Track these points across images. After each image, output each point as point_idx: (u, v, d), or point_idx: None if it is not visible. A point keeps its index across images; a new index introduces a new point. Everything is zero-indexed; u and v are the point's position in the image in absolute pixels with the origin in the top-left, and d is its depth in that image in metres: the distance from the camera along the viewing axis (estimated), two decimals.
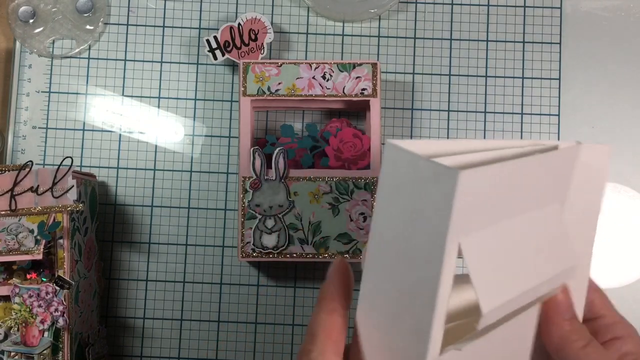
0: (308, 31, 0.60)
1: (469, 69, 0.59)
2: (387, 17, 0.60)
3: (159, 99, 0.59)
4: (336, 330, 0.29)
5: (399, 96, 0.59)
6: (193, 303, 0.58)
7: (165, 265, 0.58)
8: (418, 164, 0.24)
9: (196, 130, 0.59)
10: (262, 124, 0.59)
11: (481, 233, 0.25)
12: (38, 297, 0.47)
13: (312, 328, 0.29)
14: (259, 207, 0.52)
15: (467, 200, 0.23)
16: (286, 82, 0.53)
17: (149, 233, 0.58)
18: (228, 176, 0.58)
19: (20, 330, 0.47)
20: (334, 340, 0.28)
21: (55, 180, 0.48)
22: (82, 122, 0.59)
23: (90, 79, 0.59)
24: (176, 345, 0.57)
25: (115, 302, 0.58)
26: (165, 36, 0.60)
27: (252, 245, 0.52)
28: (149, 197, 0.58)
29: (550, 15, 0.60)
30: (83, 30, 0.59)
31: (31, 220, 0.48)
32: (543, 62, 0.59)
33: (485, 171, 0.24)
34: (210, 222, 0.58)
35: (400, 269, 0.26)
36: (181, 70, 0.59)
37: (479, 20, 0.60)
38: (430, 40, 0.60)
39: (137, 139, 0.59)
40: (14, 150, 0.58)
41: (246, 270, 0.58)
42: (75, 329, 0.49)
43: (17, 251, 0.47)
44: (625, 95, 0.60)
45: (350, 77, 0.53)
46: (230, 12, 0.60)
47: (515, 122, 0.59)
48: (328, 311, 0.29)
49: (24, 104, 0.59)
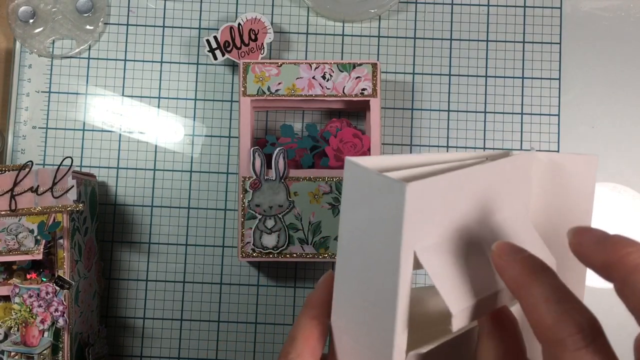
0: (308, 31, 0.60)
1: (469, 69, 0.59)
2: (387, 17, 0.60)
3: (159, 99, 0.59)
4: (314, 336, 0.30)
5: (399, 96, 0.59)
6: (193, 303, 0.58)
7: (165, 265, 0.58)
8: (372, 179, 0.25)
9: (196, 130, 0.59)
10: (262, 124, 0.59)
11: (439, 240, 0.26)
12: (38, 297, 0.47)
13: (293, 332, 0.31)
14: (259, 207, 0.52)
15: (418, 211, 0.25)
16: (286, 82, 0.53)
17: (149, 233, 0.58)
18: (228, 176, 0.58)
19: (20, 330, 0.47)
20: (311, 345, 0.30)
21: (55, 180, 0.48)
22: (82, 122, 0.59)
23: (90, 79, 0.59)
24: (176, 345, 0.57)
25: (115, 302, 0.58)
26: (165, 36, 0.60)
27: (252, 245, 0.52)
28: (149, 197, 0.58)
29: (550, 15, 0.60)
30: (83, 30, 0.59)
31: (31, 220, 0.48)
32: (543, 62, 0.59)
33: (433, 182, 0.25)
34: (210, 222, 0.58)
35: (363, 279, 0.27)
36: (181, 70, 0.59)
37: (479, 20, 0.60)
38: (430, 40, 0.60)
39: (137, 139, 0.59)
40: (14, 150, 0.58)
41: (246, 270, 0.58)
42: (75, 329, 0.49)
43: (17, 251, 0.47)
44: (625, 95, 0.60)
45: (350, 77, 0.53)
46: (230, 12, 0.60)
47: (515, 122, 0.59)
48: (309, 317, 0.31)
49: (24, 104, 0.59)
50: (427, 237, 0.26)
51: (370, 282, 0.27)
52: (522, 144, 0.59)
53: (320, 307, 0.31)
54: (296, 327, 0.31)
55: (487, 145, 0.59)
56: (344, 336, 0.30)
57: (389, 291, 0.26)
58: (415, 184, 0.24)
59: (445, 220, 0.27)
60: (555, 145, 0.59)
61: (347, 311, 0.29)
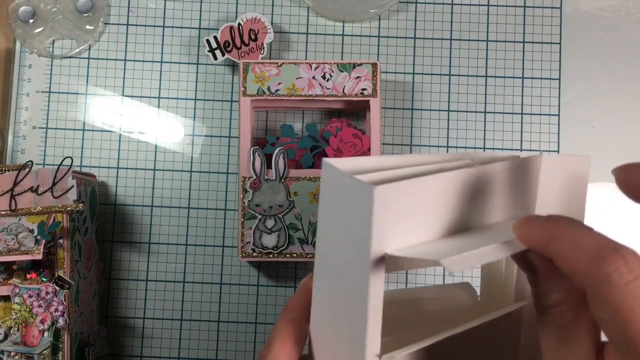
0: (308, 31, 0.60)
1: (469, 69, 0.59)
2: (387, 17, 0.60)
3: (159, 99, 0.59)
4: (291, 339, 0.30)
5: (399, 96, 0.59)
6: (193, 303, 0.58)
7: (165, 265, 0.58)
8: (345, 181, 0.25)
9: (196, 130, 0.59)
10: (262, 124, 0.59)
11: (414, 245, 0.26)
12: (38, 297, 0.47)
13: (271, 335, 0.31)
14: (259, 207, 0.52)
15: (389, 214, 0.24)
16: (286, 82, 0.53)
17: (149, 233, 0.58)
18: (228, 176, 0.58)
19: (20, 330, 0.47)
20: (287, 348, 0.30)
21: (55, 180, 0.48)
22: (82, 122, 0.59)
23: (90, 79, 0.59)
24: (176, 345, 0.57)
25: (115, 302, 0.58)
26: (165, 36, 0.60)
27: (252, 245, 0.52)
28: (149, 197, 0.58)
29: (550, 15, 0.60)
30: (83, 30, 0.59)
31: (31, 220, 0.48)
32: (543, 62, 0.59)
33: (403, 186, 0.25)
34: (210, 222, 0.58)
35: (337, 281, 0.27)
36: (181, 70, 0.59)
37: (479, 20, 0.60)
38: (430, 40, 0.60)
39: (137, 139, 0.59)
40: (14, 150, 0.58)
41: (246, 270, 0.58)
42: (75, 329, 0.49)
43: (17, 251, 0.47)
44: (626, 95, 0.60)
45: (350, 77, 0.53)
46: (230, 12, 0.60)
47: (515, 122, 0.59)
48: (286, 320, 0.31)
49: (24, 104, 0.59)
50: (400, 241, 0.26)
51: (343, 284, 0.27)
52: (522, 144, 0.59)
53: (299, 310, 0.31)
54: (274, 330, 0.31)
55: (487, 145, 0.59)
56: (321, 339, 0.30)
57: (360, 294, 0.25)
58: (383, 187, 0.24)
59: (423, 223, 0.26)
60: (555, 145, 0.59)
61: (324, 314, 0.29)
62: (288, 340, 0.30)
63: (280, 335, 0.30)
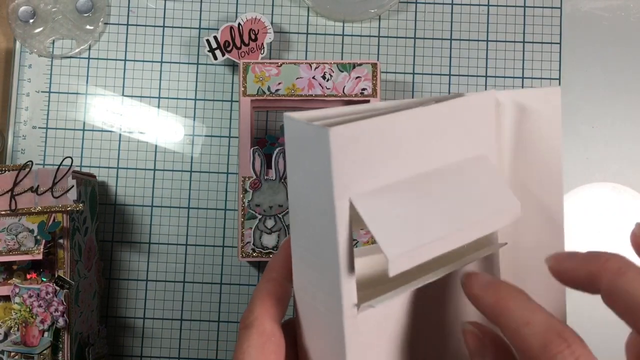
0: (308, 31, 0.60)
1: (469, 69, 0.59)
2: (387, 17, 0.60)
3: (159, 99, 0.59)
4: (271, 297, 0.30)
5: (399, 96, 0.59)
6: (193, 303, 0.58)
7: (165, 265, 0.58)
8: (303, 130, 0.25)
9: (196, 130, 0.59)
10: (262, 124, 0.59)
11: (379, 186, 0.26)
12: (38, 297, 0.47)
13: (252, 296, 0.31)
14: (259, 207, 0.52)
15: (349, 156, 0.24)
16: (286, 82, 0.53)
17: (149, 233, 0.58)
18: (228, 176, 0.58)
19: (20, 330, 0.47)
20: (268, 305, 0.30)
21: (55, 180, 0.48)
22: (82, 122, 0.59)
23: (90, 79, 0.59)
24: (176, 345, 0.57)
25: (115, 302, 0.58)
26: (165, 36, 0.60)
27: (252, 245, 0.52)
28: (149, 197, 0.58)
29: (550, 15, 0.60)
30: (83, 30, 0.59)
31: (31, 220, 0.48)
32: (543, 62, 0.60)
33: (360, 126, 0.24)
34: (210, 222, 0.58)
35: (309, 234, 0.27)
36: (181, 70, 0.59)
37: (479, 20, 0.60)
38: (430, 40, 0.60)
39: (137, 139, 0.59)
40: (14, 150, 0.58)
41: (246, 270, 0.58)
42: (75, 329, 0.49)
43: (17, 251, 0.47)
44: (626, 95, 0.60)
45: (350, 77, 0.53)
46: (230, 12, 0.60)
47: None
48: (266, 280, 0.31)
49: (24, 104, 0.59)
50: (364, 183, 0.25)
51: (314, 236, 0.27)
52: None
53: (279, 269, 0.31)
54: (255, 290, 0.31)
55: None
56: (303, 295, 0.29)
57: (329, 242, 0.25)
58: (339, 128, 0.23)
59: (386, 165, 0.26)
60: None
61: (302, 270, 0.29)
62: (267, 300, 0.30)
63: (260, 295, 0.30)
